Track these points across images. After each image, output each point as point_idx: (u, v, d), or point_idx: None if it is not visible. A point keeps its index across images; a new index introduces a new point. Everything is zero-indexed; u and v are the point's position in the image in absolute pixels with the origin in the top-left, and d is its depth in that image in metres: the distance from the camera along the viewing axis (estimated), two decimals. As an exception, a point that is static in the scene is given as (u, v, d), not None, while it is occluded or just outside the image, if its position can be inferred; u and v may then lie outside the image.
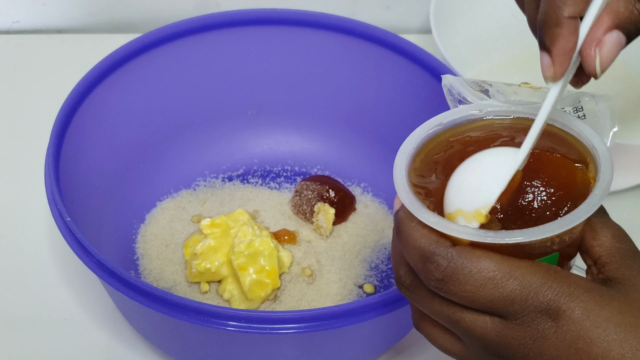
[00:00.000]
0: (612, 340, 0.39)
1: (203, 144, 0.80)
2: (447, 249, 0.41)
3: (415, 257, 0.42)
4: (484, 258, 0.40)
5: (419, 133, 0.46)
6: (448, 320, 0.42)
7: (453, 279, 0.40)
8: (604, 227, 0.44)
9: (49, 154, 0.63)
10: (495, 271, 0.40)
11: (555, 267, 0.41)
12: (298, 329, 0.55)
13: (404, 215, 0.43)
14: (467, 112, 0.47)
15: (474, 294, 0.40)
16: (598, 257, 0.44)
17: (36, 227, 0.77)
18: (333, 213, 0.75)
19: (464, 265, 0.40)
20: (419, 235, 0.42)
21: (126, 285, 0.56)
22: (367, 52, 0.75)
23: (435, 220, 0.41)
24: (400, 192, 0.43)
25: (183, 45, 0.74)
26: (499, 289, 0.40)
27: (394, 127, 0.77)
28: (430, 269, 0.41)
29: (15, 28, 1.00)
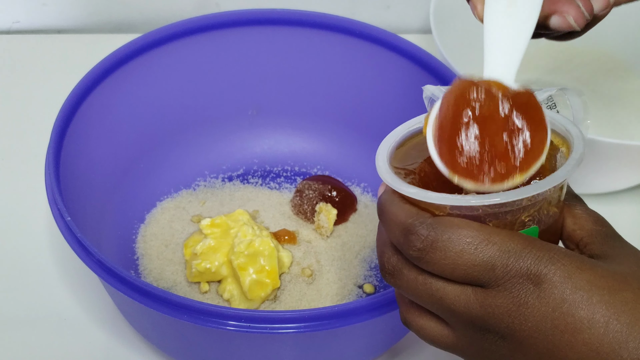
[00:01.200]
0: (596, 302, 0.39)
1: (203, 144, 0.80)
2: (426, 219, 0.41)
3: (397, 233, 0.42)
4: (464, 226, 0.41)
5: (400, 129, 0.48)
6: (432, 300, 0.42)
7: (433, 246, 0.41)
8: (583, 213, 0.45)
9: (49, 154, 0.63)
10: (474, 237, 0.40)
11: (534, 237, 0.41)
12: (298, 328, 0.55)
13: (385, 197, 0.44)
14: None
15: (454, 261, 0.40)
16: (580, 239, 0.44)
17: (36, 227, 0.77)
18: (335, 214, 0.75)
19: (444, 232, 0.41)
20: (400, 210, 0.43)
21: (126, 285, 0.56)
22: (367, 52, 0.75)
23: (414, 191, 0.42)
24: (382, 171, 0.45)
25: (183, 45, 0.74)
26: (479, 254, 0.40)
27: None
28: (411, 239, 0.41)
29: (15, 28, 1.00)
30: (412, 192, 0.42)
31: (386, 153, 0.46)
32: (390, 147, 0.47)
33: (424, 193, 0.42)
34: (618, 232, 0.44)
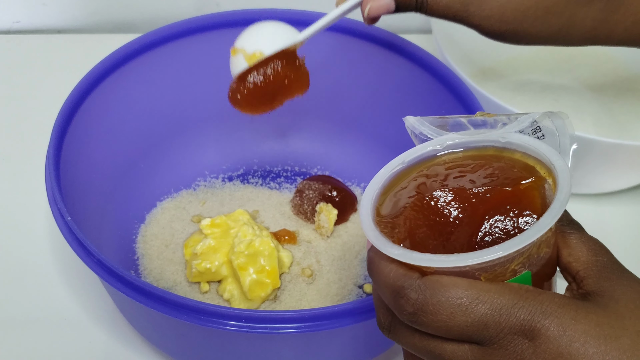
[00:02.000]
0: (592, 353, 0.39)
1: (203, 144, 0.80)
2: (415, 281, 0.41)
3: (387, 294, 0.42)
4: (451, 286, 0.40)
5: (382, 174, 0.47)
6: (432, 356, 0.42)
7: (424, 310, 0.40)
8: (578, 242, 0.44)
9: (49, 154, 0.63)
10: (463, 298, 0.40)
11: (526, 286, 0.41)
12: (298, 328, 0.55)
13: (373, 255, 0.44)
14: (427, 148, 0.48)
15: (446, 323, 0.40)
16: (576, 272, 0.43)
17: (37, 227, 0.77)
18: (336, 214, 0.75)
19: (433, 295, 0.40)
20: (388, 271, 0.42)
21: (126, 285, 0.56)
22: (367, 52, 0.75)
23: (398, 253, 0.42)
24: (366, 230, 0.44)
25: (183, 45, 0.74)
26: (470, 315, 0.40)
27: (394, 127, 0.77)
28: (401, 303, 0.41)
29: (15, 28, 1.00)
30: (396, 253, 0.42)
31: (369, 205, 0.45)
32: (374, 195, 0.46)
33: (409, 254, 0.41)
34: (616, 259, 0.44)
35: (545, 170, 0.44)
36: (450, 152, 0.47)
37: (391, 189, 0.46)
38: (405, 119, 0.50)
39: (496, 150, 0.46)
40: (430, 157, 0.47)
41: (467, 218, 0.43)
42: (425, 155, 0.47)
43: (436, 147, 0.47)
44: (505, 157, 0.46)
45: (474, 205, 0.43)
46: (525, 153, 0.45)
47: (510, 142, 0.46)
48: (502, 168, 0.44)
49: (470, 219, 0.43)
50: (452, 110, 0.70)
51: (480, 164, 0.45)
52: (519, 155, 0.46)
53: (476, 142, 0.47)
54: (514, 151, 0.46)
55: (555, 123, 0.47)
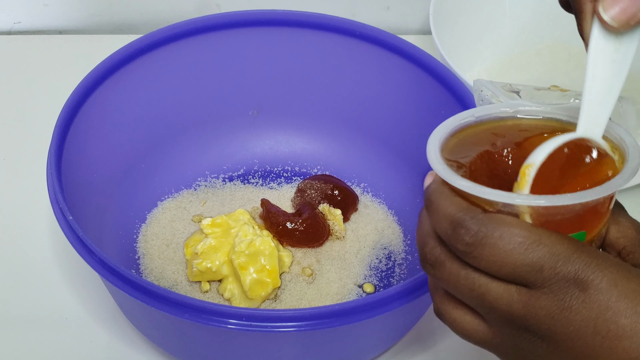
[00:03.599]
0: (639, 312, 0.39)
1: (204, 144, 0.80)
2: (478, 214, 0.41)
3: (445, 225, 0.42)
4: (515, 225, 0.40)
5: (451, 121, 0.47)
6: (473, 295, 0.42)
7: (483, 242, 0.40)
8: (627, 222, 0.45)
9: (51, 154, 0.63)
10: (525, 237, 0.40)
11: (584, 243, 0.41)
12: (298, 327, 0.55)
13: (435, 187, 0.43)
14: (498, 109, 0.48)
15: (502, 259, 0.40)
16: (622, 247, 0.44)
17: (38, 226, 0.78)
18: (340, 213, 0.75)
19: (495, 229, 0.40)
20: (450, 202, 0.42)
21: (128, 284, 0.56)
22: (367, 53, 0.75)
23: (468, 185, 0.42)
24: (433, 161, 0.44)
25: (184, 46, 0.75)
26: (529, 255, 0.40)
27: (394, 127, 0.78)
28: (460, 232, 0.41)
29: (16, 29, 1.00)
30: (465, 185, 0.42)
31: (437, 142, 0.46)
32: (442, 137, 0.46)
33: (479, 188, 0.41)
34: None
35: (612, 146, 0.45)
36: (519, 118, 0.48)
37: (457, 137, 0.47)
38: (476, 80, 0.50)
39: (562, 123, 0.47)
40: (499, 119, 0.48)
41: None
42: (494, 115, 0.48)
43: (506, 109, 0.48)
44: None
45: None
46: None
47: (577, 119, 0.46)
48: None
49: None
50: (451, 111, 0.70)
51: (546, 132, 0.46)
52: None
53: (546, 112, 0.47)
54: None
55: (624, 106, 0.48)
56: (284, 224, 0.72)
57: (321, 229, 0.73)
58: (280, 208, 0.75)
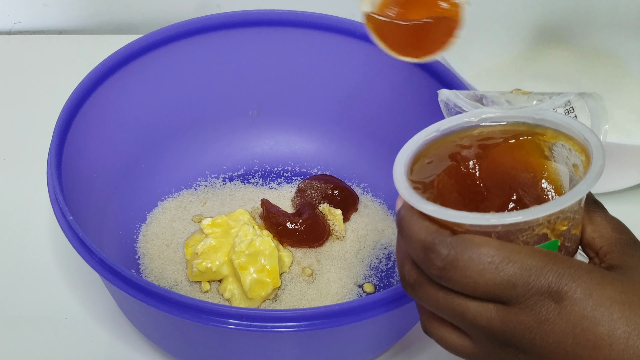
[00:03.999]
0: (616, 318, 0.39)
1: (204, 144, 0.80)
2: (446, 238, 0.41)
3: (417, 249, 0.42)
4: (483, 244, 0.41)
5: (417, 139, 0.48)
6: (454, 314, 0.43)
7: (454, 265, 0.41)
8: (603, 220, 0.45)
9: (51, 154, 0.63)
10: (494, 256, 0.40)
11: (555, 252, 0.41)
12: (298, 327, 0.55)
13: (404, 212, 0.44)
14: (462, 119, 0.48)
15: (475, 280, 0.41)
16: (599, 247, 0.44)
17: (38, 226, 0.78)
18: (340, 213, 0.75)
19: (464, 252, 0.41)
20: (419, 227, 0.43)
21: (128, 284, 0.56)
22: (367, 52, 0.75)
23: (433, 209, 0.42)
24: (400, 187, 0.44)
25: (184, 46, 0.75)
26: (500, 273, 0.40)
27: (394, 127, 0.78)
28: (431, 257, 0.42)
29: (16, 29, 1.00)
30: (430, 209, 0.42)
31: (403, 165, 0.46)
32: (408, 158, 0.46)
33: (443, 211, 0.42)
34: (637, 238, 0.45)
35: (578, 147, 0.45)
36: (484, 126, 0.48)
37: (423, 155, 0.47)
38: (440, 91, 0.50)
39: (528, 126, 0.47)
40: (464, 129, 0.48)
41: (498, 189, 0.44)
42: (459, 126, 0.48)
43: (471, 119, 0.48)
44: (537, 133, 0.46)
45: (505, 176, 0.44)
46: (558, 130, 0.46)
47: (544, 119, 0.47)
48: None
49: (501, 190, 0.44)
50: (451, 111, 0.71)
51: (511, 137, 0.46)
52: (551, 133, 0.46)
53: (510, 117, 0.48)
54: (547, 128, 0.47)
55: (589, 104, 0.48)
56: (284, 224, 0.72)
57: (321, 229, 0.73)
58: (280, 208, 0.75)
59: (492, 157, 0.45)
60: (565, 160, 0.46)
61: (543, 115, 0.47)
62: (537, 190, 0.45)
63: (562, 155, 0.46)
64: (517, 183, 0.45)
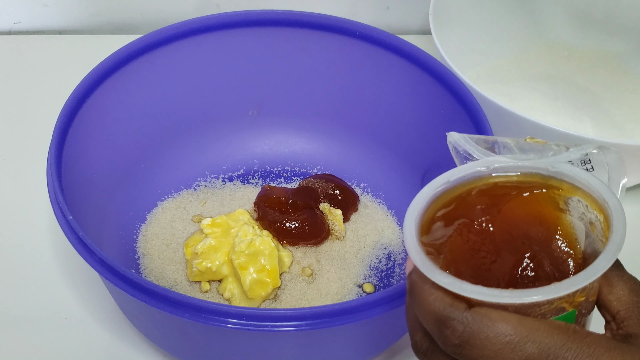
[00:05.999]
0: None
1: (204, 144, 0.80)
2: (462, 313, 0.40)
3: (430, 322, 0.41)
4: (501, 321, 0.40)
5: (426, 192, 0.46)
6: None
7: (470, 343, 0.40)
8: (620, 281, 0.44)
9: (51, 154, 0.63)
10: (512, 335, 0.40)
11: (574, 327, 0.41)
12: (298, 326, 0.55)
13: (417, 279, 0.43)
14: (473, 169, 0.47)
15: (492, 359, 0.40)
16: (616, 312, 0.43)
17: (38, 226, 0.78)
18: (340, 213, 0.75)
19: (481, 330, 0.40)
20: (433, 299, 0.41)
21: (128, 283, 0.56)
22: (367, 53, 0.75)
23: (448, 281, 0.41)
24: (412, 253, 0.43)
25: (184, 46, 0.75)
26: (518, 353, 0.39)
27: (394, 127, 0.78)
28: (446, 334, 0.41)
29: (16, 29, 1.00)
30: (445, 282, 0.41)
31: (414, 226, 0.44)
32: (418, 214, 0.45)
33: (459, 284, 0.41)
34: None
35: (596, 205, 0.44)
36: (497, 176, 0.47)
37: (434, 209, 0.46)
38: (449, 134, 0.48)
39: (543, 178, 0.46)
40: (475, 179, 0.47)
41: (511, 246, 0.43)
42: (469, 176, 0.47)
43: (482, 168, 0.47)
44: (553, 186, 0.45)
45: (519, 231, 0.43)
46: (574, 185, 0.45)
47: (560, 172, 0.45)
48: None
49: (514, 247, 0.43)
50: (451, 111, 0.70)
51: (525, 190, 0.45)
52: (567, 187, 0.45)
53: (524, 167, 0.46)
54: (563, 181, 0.45)
55: (607, 158, 0.47)
56: (281, 221, 0.73)
57: (319, 226, 0.73)
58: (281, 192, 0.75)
59: (505, 213, 0.44)
60: (581, 216, 0.45)
61: (559, 168, 0.45)
62: (551, 246, 0.44)
63: (578, 211, 0.45)
64: (530, 239, 0.44)
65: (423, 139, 0.75)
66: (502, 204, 0.45)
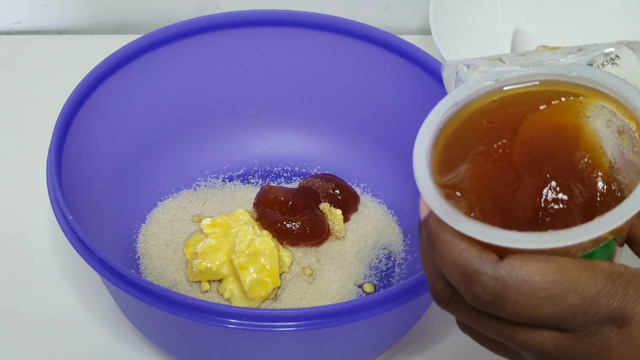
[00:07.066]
0: None
1: (204, 144, 0.80)
2: (493, 266, 0.36)
3: (456, 277, 0.37)
4: (538, 273, 0.36)
5: (432, 120, 0.40)
6: (499, 335, 0.39)
7: (504, 299, 0.36)
8: None
9: (50, 154, 0.63)
10: (552, 288, 0.36)
11: (618, 268, 0.37)
12: (298, 326, 0.55)
13: (436, 226, 0.38)
14: (482, 84, 0.41)
15: (529, 312, 0.37)
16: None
17: (38, 226, 0.78)
18: (340, 213, 0.75)
19: (516, 284, 0.36)
20: (459, 251, 0.37)
21: (128, 283, 0.56)
22: (367, 52, 0.75)
23: (477, 230, 0.36)
24: (429, 199, 0.37)
25: (184, 46, 0.75)
26: (559, 305, 0.37)
27: (394, 127, 0.78)
28: (476, 291, 0.37)
29: (16, 29, 1.00)
30: (474, 231, 0.36)
31: (425, 164, 0.39)
32: (427, 150, 0.39)
33: (491, 233, 0.35)
34: None
35: (624, 111, 0.39)
36: (508, 90, 0.40)
37: (444, 140, 0.40)
38: (446, 64, 0.42)
39: (561, 85, 0.40)
40: (485, 95, 0.41)
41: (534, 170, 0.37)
42: (478, 93, 0.41)
43: (491, 82, 0.41)
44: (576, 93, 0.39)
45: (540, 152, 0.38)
46: (598, 90, 0.39)
47: (581, 77, 0.39)
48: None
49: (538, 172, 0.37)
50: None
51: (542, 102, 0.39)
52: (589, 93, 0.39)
53: (538, 75, 0.40)
54: (583, 87, 0.39)
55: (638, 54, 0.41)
56: (281, 222, 0.73)
57: (319, 226, 0.73)
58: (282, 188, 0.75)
59: (523, 132, 0.38)
60: (607, 124, 0.39)
61: (579, 71, 0.39)
62: (576, 161, 0.38)
63: (604, 118, 0.39)
64: (553, 158, 0.38)
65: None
66: (518, 123, 0.39)
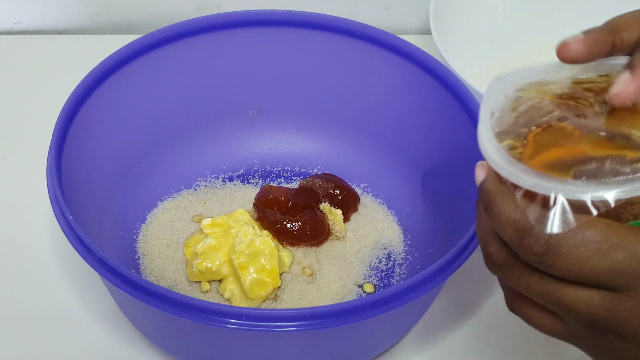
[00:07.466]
0: None
1: (204, 144, 0.80)
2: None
3: (510, 232, 0.39)
4: (589, 227, 0.38)
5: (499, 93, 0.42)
6: (547, 299, 0.40)
7: (556, 252, 0.38)
8: None
9: (50, 154, 0.63)
10: (602, 242, 0.37)
11: None
12: (298, 327, 0.55)
13: (492, 186, 0.40)
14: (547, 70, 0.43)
15: (580, 267, 0.38)
16: None
17: (38, 226, 0.78)
18: (341, 213, 0.75)
19: (567, 237, 0.37)
20: (513, 207, 0.39)
21: (128, 283, 0.56)
22: (367, 53, 0.75)
23: (533, 182, 0.37)
24: (491, 152, 0.39)
25: (184, 46, 0.75)
26: (607, 260, 0.37)
27: (394, 127, 0.78)
28: (529, 243, 0.38)
29: (16, 29, 1.00)
30: (532, 183, 0.37)
31: (488, 122, 0.40)
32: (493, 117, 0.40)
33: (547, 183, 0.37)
34: None
35: None
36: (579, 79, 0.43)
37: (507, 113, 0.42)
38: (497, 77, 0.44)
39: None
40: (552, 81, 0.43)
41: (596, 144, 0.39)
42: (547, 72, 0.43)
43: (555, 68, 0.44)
44: None
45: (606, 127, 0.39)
46: None
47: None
48: None
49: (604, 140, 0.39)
50: (451, 111, 0.70)
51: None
52: None
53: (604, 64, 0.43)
54: None
55: None
56: (281, 222, 0.73)
57: (320, 226, 0.73)
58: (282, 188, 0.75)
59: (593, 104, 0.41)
60: None
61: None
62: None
63: None
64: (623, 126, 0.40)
65: (423, 139, 0.75)
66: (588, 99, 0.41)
